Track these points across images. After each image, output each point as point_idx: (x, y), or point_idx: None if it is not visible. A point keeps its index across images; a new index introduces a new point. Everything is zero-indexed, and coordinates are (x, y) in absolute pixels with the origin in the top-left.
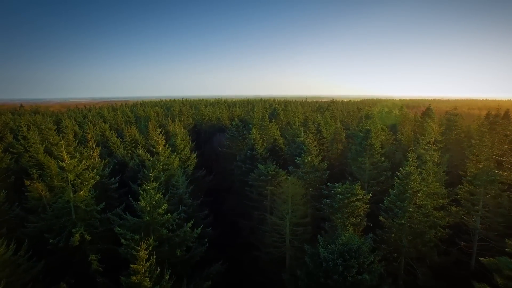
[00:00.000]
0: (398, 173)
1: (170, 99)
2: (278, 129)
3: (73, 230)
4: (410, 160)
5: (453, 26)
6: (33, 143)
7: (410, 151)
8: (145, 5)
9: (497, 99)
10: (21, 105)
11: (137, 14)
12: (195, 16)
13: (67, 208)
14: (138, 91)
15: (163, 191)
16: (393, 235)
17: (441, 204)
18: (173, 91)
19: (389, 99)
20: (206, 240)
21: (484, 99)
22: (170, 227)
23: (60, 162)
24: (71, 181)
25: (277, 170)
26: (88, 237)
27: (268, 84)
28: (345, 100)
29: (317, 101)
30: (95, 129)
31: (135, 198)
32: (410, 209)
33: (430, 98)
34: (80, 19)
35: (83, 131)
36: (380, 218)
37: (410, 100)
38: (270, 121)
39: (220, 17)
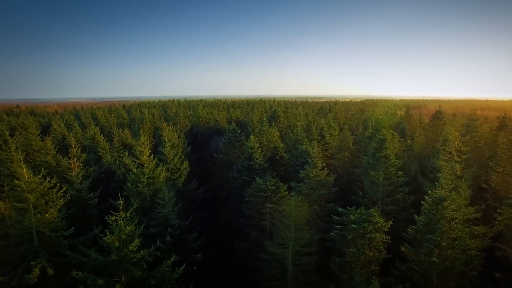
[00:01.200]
0: (426, 197)
1: (169, 100)
2: (279, 133)
3: (32, 262)
4: (443, 182)
5: (452, 26)
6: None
7: (443, 171)
8: (145, 5)
9: (497, 99)
10: (17, 106)
11: (137, 14)
12: (195, 16)
13: (27, 235)
14: (138, 91)
15: (136, 221)
16: (416, 267)
17: (476, 233)
18: (173, 91)
19: (390, 99)
20: (194, 268)
21: (486, 99)
22: (146, 266)
23: (17, 181)
24: (32, 203)
25: (277, 184)
26: (51, 271)
27: (268, 84)
28: (345, 100)
29: (317, 102)
30: (85, 133)
31: (104, 229)
32: (443, 243)
33: (430, 99)
34: (80, 19)
35: (72, 135)
36: (403, 249)
37: (411, 100)
38: (270, 125)
39: (220, 17)
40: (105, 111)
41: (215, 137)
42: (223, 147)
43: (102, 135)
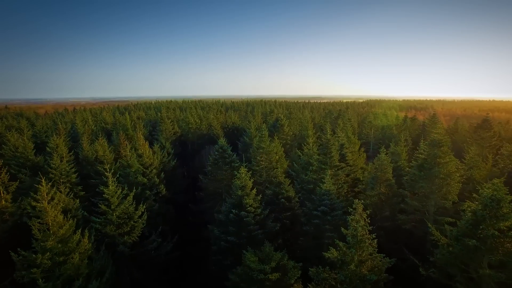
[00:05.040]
0: None
1: (166, 100)
2: (282, 149)
3: None
4: None
5: (454, 26)
6: None
7: None
8: (145, 5)
9: (502, 100)
10: (6, 107)
11: (137, 14)
12: (195, 16)
13: None
14: (139, 91)
15: None
16: None
17: None
18: (174, 91)
19: (393, 100)
20: None
21: (490, 99)
22: None
23: None
24: None
25: (283, 263)
26: None
27: (269, 84)
28: (349, 101)
29: (320, 102)
30: (48, 143)
31: None
32: None
33: (433, 99)
34: (80, 19)
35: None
36: None
37: (415, 101)
38: (270, 136)
39: (221, 17)
40: (89, 114)
41: (208, 147)
42: (210, 168)
43: (67, 147)
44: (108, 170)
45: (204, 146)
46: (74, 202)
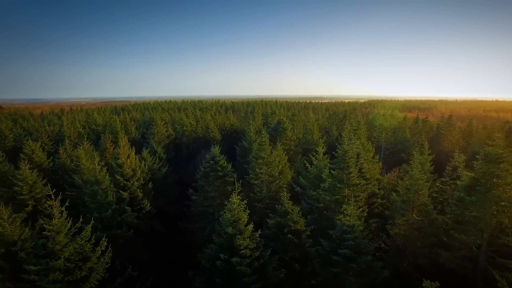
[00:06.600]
0: None
1: (165, 101)
2: (286, 157)
3: None
4: None
5: (454, 26)
6: None
7: None
8: (145, 5)
9: (507, 100)
10: (1, 107)
11: (137, 14)
12: (196, 16)
13: None
14: (140, 91)
15: None
16: None
17: None
18: (174, 91)
19: (394, 100)
20: None
21: (494, 99)
22: None
23: None
24: None
25: None
26: None
27: (269, 84)
28: (350, 101)
29: (322, 102)
30: (23, 150)
31: None
32: None
33: (435, 99)
34: (80, 19)
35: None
36: None
37: (417, 101)
38: (272, 143)
39: (221, 17)
40: (84, 114)
41: (203, 151)
42: (200, 183)
43: (45, 153)
44: (53, 196)
45: (200, 150)
46: (22, 231)
